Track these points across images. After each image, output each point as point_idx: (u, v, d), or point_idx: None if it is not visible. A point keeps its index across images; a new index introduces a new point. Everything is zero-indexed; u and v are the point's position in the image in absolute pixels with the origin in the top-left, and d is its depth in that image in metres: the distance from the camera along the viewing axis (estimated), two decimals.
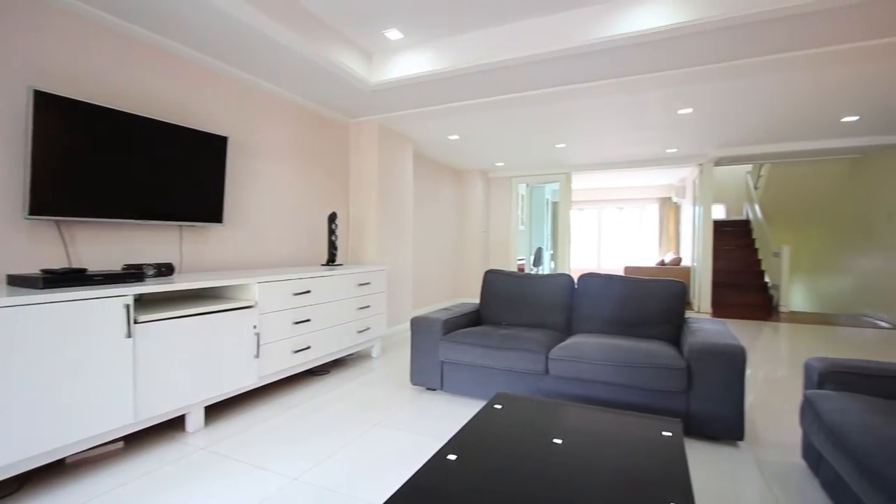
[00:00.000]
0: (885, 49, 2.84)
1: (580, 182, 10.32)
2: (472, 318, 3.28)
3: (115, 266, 2.53)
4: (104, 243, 2.49)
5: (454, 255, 7.48)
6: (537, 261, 9.53)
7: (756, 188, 8.73)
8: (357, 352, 4.04)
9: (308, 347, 3.03)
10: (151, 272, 2.42)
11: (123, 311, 1.95)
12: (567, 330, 3.08)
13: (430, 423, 2.46)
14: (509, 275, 3.32)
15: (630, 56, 3.01)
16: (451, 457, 1.33)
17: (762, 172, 8.44)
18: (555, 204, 10.68)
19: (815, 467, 1.85)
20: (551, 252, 10.66)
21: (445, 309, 3.24)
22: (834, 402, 1.61)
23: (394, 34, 3.18)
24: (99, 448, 2.08)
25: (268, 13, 2.56)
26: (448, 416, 2.57)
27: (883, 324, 5.63)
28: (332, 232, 3.82)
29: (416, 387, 3.07)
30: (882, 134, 5.22)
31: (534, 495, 1.14)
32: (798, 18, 2.50)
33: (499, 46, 3.05)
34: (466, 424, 1.57)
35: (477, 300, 7.53)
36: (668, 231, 11.28)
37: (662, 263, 9.22)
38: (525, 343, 2.60)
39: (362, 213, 4.61)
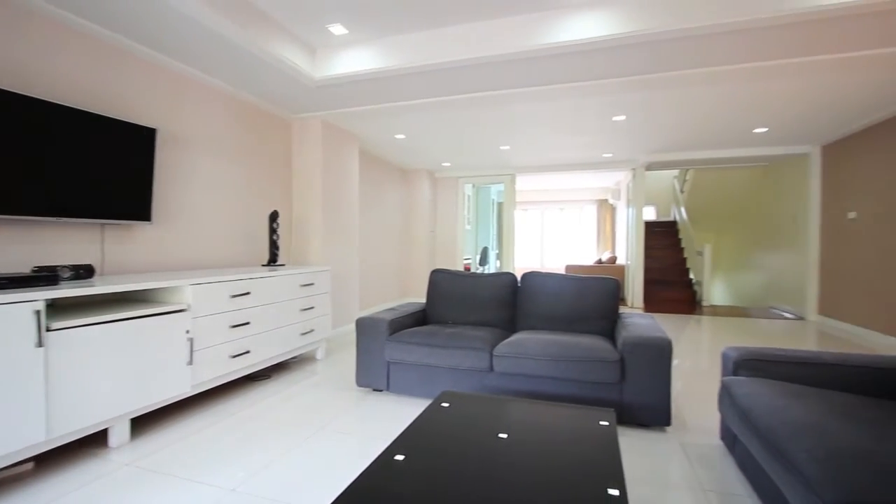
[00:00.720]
0: (786, 68, 3.17)
1: (524, 183, 10.64)
2: (419, 318, 3.29)
3: (24, 268, 2.29)
4: (11, 243, 2.24)
5: (401, 255, 7.45)
6: (483, 260, 9.70)
7: (682, 192, 9.42)
8: (301, 355, 3.92)
9: (247, 352, 2.90)
10: (67, 274, 2.21)
11: (33, 318, 1.77)
12: (511, 327, 3.17)
13: (377, 425, 2.44)
14: (455, 274, 3.36)
15: (569, 64, 3.14)
16: (399, 457, 1.33)
17: (687, 177, 9.11)
18: (500, 204, 10.93)
19: (731, 447, 2.04)
20: (497, 251, 10.90)
21: (392, 309, 3.22)
22: (746, 387, 1.78)
23: (338, 29, 3.11)
24: (3, 471, 1.88)
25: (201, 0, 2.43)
26: (395, 416, 2.56)
27: (788, 315, 6.27)
28: (273, 231, 3.68)
29: (361, 388, 3.03)
30: (787, 144, 5.81)
31: (481, 490, 1.17)
32: (712, 38, 2.73)
33: (443, 48, 3.08)
34: (412, 424, 1.57)
35: (424, 300, 7.55)
36: (605, 231, 11.89)
37: (600, 262, 9.71)
38: (470, 341, 2.65)
39: (306, 211, 4.47)
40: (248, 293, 2.90)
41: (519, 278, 3.28)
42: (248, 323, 2.90)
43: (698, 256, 7.83)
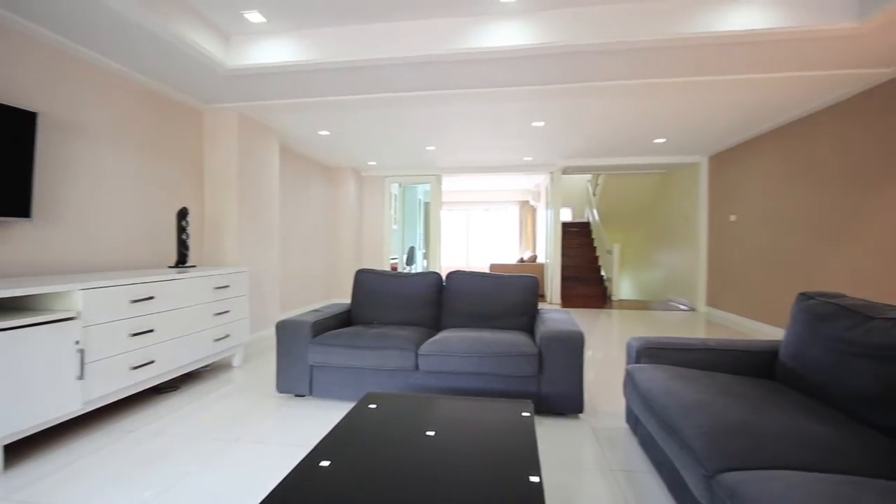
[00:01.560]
0: (679, 86, 3.55)
1: (450, 184, 10.81)
2: (343, 319, 3.22)
3: None
4: None
5: (326, 255, 7.23)
6: (410, 260, 9.71)
7: (594, 195, 10.14)
8: (215, 362, 3.66)
9: (152, 362, 2.65)
10: None
11: None
12: (436, 326, 3.21)
13: (299, 432, 2.35)
14: (380, 274, 3.34)
15: (492, 69, 3.25)
16: (324, 463, 1.30)
17: (599, 181, 9.82)
18: (427, 204, 11.01)
19: (635, 428, 2.24)
20: (424, 251, 10.96)
21: (315, 310, 3.12)
22: (646, 373, 1.97)
23: (255, 17, 2.95)
24: None
25: None
26: (319, 421, 2.49)
27: (683, 306, 7.01)
28: (182, 230, 3.40)
29: (282, 395, 2.91)
30: (681, 154, 6.49)
31: (411, 489, 1.18)
32: (620, 54, 2.98)
33: (367, 45, 3.04)
34: (336, 428, 1.54)
35: (350, 300, 7.39)
36: (526, 231, 12.45)
37: (522, 261, 10.14)
38: (395, 341, 2.65)
39: (220, 209, 4.18)
40: (151, 297, 2.65)
41: (444, 277, 3.34)
42: (151, 330, 2.65)
43: (608, 255, 8.48)
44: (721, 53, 2.97)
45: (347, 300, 7.47)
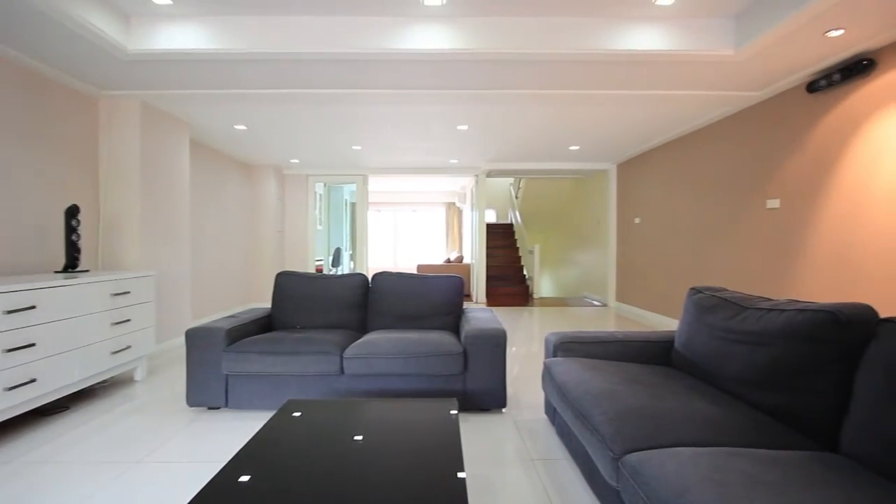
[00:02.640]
0: (590, 98, 3.83)
1: (377, 184, 10.69)
2: (263, 324, 3.06)
3: None
4: None
5: (245, 257, 6.81)
6: (336, 261, 9.46)
7: (517, 197, 10.57)
8: (113, 377, 3.30)
9: (32, 381, 2.33)
10: None
11: None
12: (362, 328, 3.17)
13: (214, 448, 2.20)
14: (303, 276, 3.22)
15: (415, 71, 3.28)
16: (244, 478, 1.23)
17: (521, 185, 10.27)
18: (353, 205, 10.79)
19: (553, 419, 2.38)
20: (351, 252, 10.73)
21: (231, 316, 2.94)
22: (562, 366, 2.11)
23: None
24: None
25: None
26: (236, 434, 2.34)
27: (596, 302, 7.55)
28: (72, 230, 3.03)
29: (194, 408, 2.70)
30: (593, 161, 6.99)
31: (338, 494, 1.15)
32: (537, 65, 3.15)
33: (286, 37, 2.92)
34: (255, 439, 1.47)
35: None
36: (453, 232, 12.67)
37: (449, 261, 10.29)
38: (319, 345, 2.57)
39: (120, 207, 3.78)
40: (32, 307, 2.33)
41: (370, 279, 3.30)
42: (32, 345, 2.33)
43: (530, 255, 8.89)
44: (622, 70, 3.24)
45: (269, 305, 7.10)
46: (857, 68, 2.90)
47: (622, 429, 1.48)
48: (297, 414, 1.68)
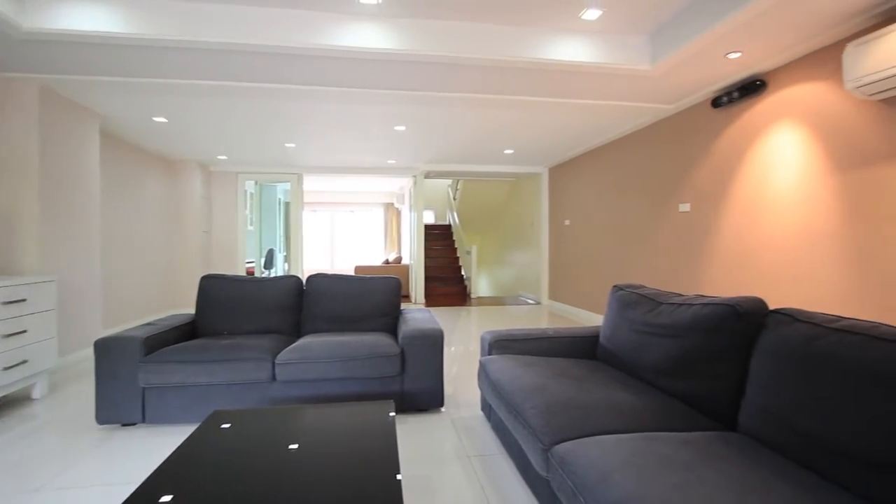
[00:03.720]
0: (522, 104, 3.98)
1: (313, 184, 10.36)
2: (186, 332, 2.86)
3: None
4: None
5: (167, 261, 6.32)
6: (269, 263, 9.04)
7: (455, 199, 10.71)
8: (6, 395, 2.93)
9: None
10: None
11: None
12: (297, 332, 3.06)
13: (131, 467, 2.02)
14: (232, 279, 3.06)
15: (350, 69, 3.23)
16: (165, 498, 1.15)
17: (459, 186, 10.42)
18: (287, 204, 10.37)
19: (489, 416, 2.44)
20: (285, 254, 10.31)
21: (149, 324, 2.72)
22: (496, 364, 2.17)
23: None
24: None
25: None
26: (156, 452, 2.17)
27: (530, 301, 7.83)
28: None
29: (105, 426, 2.47)
30: (526, 165, 7.26)
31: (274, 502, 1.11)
32: (471, 69, 3.22)
33: (212, 25, 2.75)
34: (177, 455, 1.37)
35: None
36: (392, 233, 12.58)
37: (387, 262, 10.21)
38: (249, 351, 2.45)
39: (12, 204, 3.36)
40: None
41: (305, 281, 3.20)
42: None
43: (468, 255, 9.05)
44: (551, 79, 3.41)
45: (194, 310, 6.64)
46: (752, 87, 3.25)
47: (551, 421, 1.55)
48: (225, 426, 1.59)
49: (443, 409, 2.71)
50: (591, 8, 2.79)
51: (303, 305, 3.11)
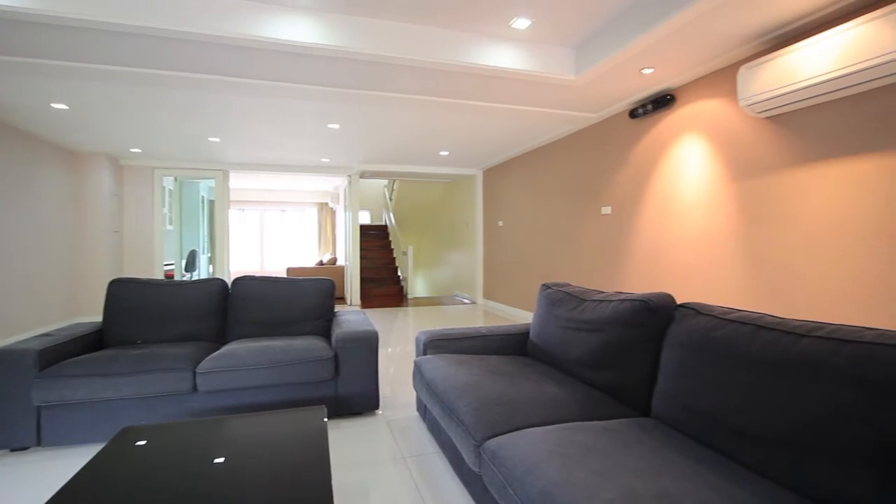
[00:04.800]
0: (454, 107, 4.05)
1: (241, 181, 9.81)
2: (91, 342, 2.60)
3: None
4: None
5: (70, 264, 5.67)
6: (191, 265, 8.42)
7: (391, 199, 10.64)
8: None
9: None
10: None
11: None
12: (221, 339, 2.89)
13: (23, 498, 1.80)
14: (146, 283, 2.82)
15: (279, 62, 3.10)
16: None
17: (395, 187, 10.36)
18: (212, 202, 9.73)
19: (424, 415, 2.46)
20: (209, 255, 9.66)
21: (45, 335, 2.43)
22: (430, 363, 2.19)
23: None
24: None
25: None
26: (53, 479, 1.95)
27: (466, 300, 7.98)
28: None
29: None
30: (461, 166, 7.38)
31: None
32: (403, 69, 3.23)
33: (122, 4, 2.52)
34: (79, 477, 1.24)
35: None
36: (326, 233, 12.23)
37: (321, 263, 9.92)
38: (165, 361, 2.28)
39: None
40: None
41: (231, 284, 3.03)
42: None
43: (404, 256, 9.02)
44: (483, 83, 3.49)
45: (102, 318, 6.02)
46: (663, 101, 3.55)
47: (483, 417, 1.60)
48: (140, 442, 1.47)
49: (378, 412, 2.69)
50: (520, 17, 2.90)
51: (228, 310, 2.94)
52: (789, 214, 2.71)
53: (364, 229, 10.20)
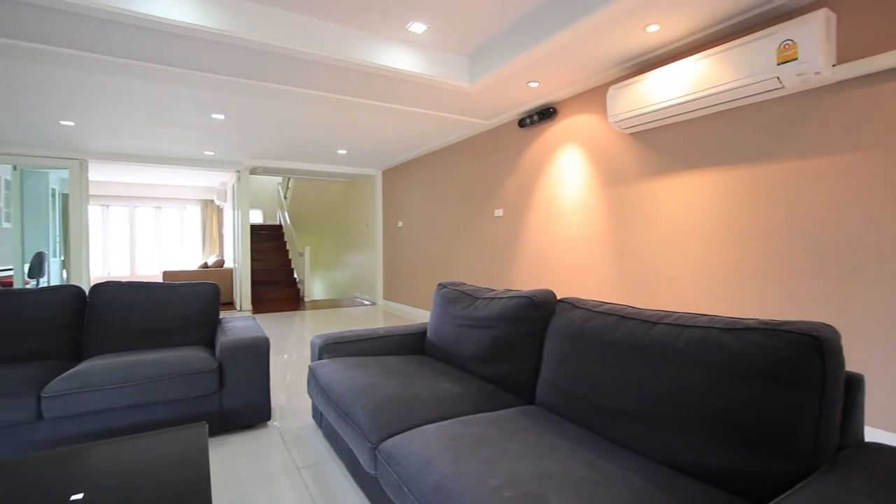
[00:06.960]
0: (353, 106, 3.98)
1: (104, 174, 8.53)
2: None
3: None
4: None
5: None
6: (36, 270, 7.12)
7: (286, 198, 10.09)
8: None
9: None
10: None
11: None
12: (76, 355, 2.50)
13: None
14: None
15: (152, 41, 2.78)
16: None
17: (290, 185, 9.85)
18: (65, 196, 8.31)
19: (320, 422, 2.38)
20: (62, 258, 8.24)
21: None
22: (326, 367, 2.13)
23: None
24: None
25: None
26: None
27: (366, 301, 7.87)
28: None
29: None
30: (360, 166, 7.27)
31: None
32: (300, 62, 3.10)
33: None
34: None
35: None
36: (212, 233, 11.18)
37: (206, 266, 9.05)
38: None
39: None
40: None
41: (89, 292, 2.63)
42: None
43: (300, 257, 8.62)
44: (379, 83, 3.48)
45: None
46: (547, 113, 3.87)
47: (379, 418, 1.60)
48: None
49: (271, 423, 2.54)
50: (416, 21, 2.94)
51: (85, 322, 2.55)
52: (647, 218, 3.12)
53: (256, 229, 9.53)
